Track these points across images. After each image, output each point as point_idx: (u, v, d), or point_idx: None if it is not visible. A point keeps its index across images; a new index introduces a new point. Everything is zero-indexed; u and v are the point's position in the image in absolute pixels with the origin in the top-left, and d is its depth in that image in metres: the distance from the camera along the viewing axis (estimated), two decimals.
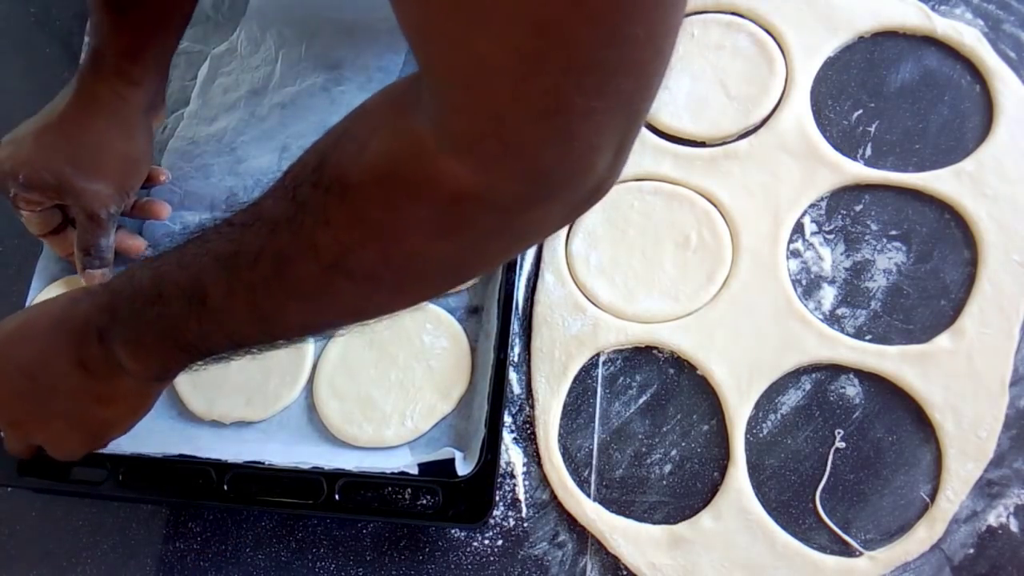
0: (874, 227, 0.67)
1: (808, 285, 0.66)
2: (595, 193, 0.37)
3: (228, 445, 0.62)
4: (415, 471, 0.59)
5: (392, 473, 0.59)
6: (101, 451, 0.63)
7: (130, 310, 0.47)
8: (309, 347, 0.67)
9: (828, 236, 0.67)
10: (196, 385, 0.66)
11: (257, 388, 0.65)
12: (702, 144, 0.70)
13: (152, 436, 0.64)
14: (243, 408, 0.65)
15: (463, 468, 0.58)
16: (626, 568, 0.60)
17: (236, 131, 0.74)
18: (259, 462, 0.60)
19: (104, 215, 0.63)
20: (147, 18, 0.62)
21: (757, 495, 0.61)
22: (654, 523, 0.61)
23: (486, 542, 0.62)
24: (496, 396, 0.60)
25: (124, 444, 0.64)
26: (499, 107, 0.32)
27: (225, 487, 0.60)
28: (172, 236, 0.71)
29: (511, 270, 0.64)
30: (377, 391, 0.65)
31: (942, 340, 0.63)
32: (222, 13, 0.77)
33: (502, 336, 0.62)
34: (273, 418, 0.65)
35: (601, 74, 0.31)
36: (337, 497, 0.59)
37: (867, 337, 0.64)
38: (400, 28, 0.34)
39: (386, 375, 0.65)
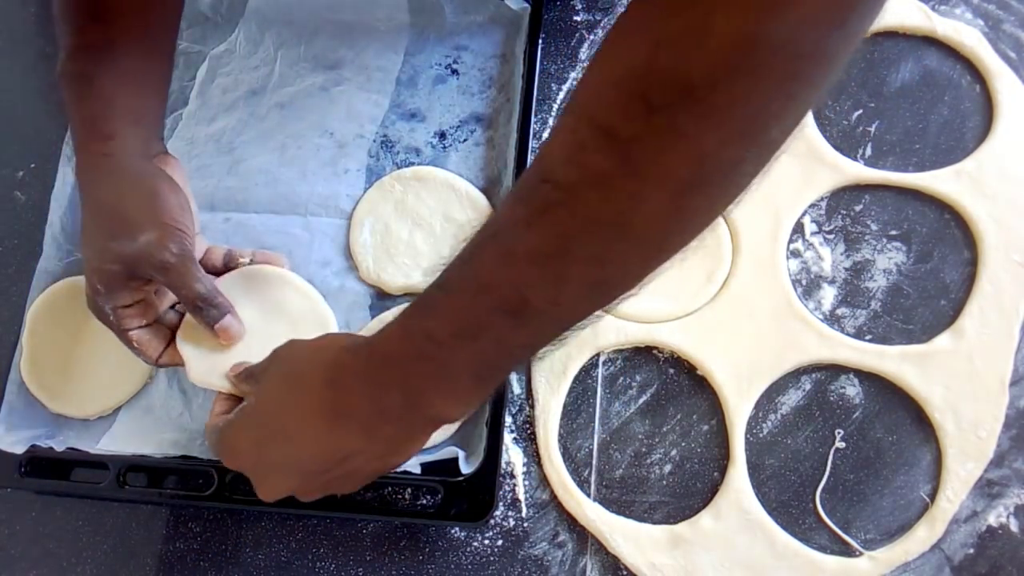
0: (874, 227, 0.67)
1: (808, 285, 0.66)
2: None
3: None
4: (418, 470, 0.59)
5: (395, 472, 0.59)
6: (102, 451, 0.63)
7: (432, 369, 0.44)
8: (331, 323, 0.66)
9: (828, 236, 0.67)
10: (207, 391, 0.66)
11: None
12: None
13: (153, 437, 0.64)
14: None
15: (466, 467, 0.59)
16: (626, 568, 0.60)
17: (235, 131, 0.74)
18: None
19: (171, 258, 0.56)
20: (163, 87, 0.61)
21: (757, 495, 0.61)
22: (654, 523, 0.61)
23: (486, 542, 0.62)
24: (496, 396, 0.60)
25: (125, 445, 0.64)
26: None
27: (225, 487, 0.60)
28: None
29: None
30: None
31: (942, 340, 0.63)
32: (220, 14, 0.77)
33: None
34: None
35: None
36: (338, 497, 0.59)
37: (867, 337, 0.64)
38: None
39: None
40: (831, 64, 0.35)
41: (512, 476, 0.63)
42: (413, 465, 0.59)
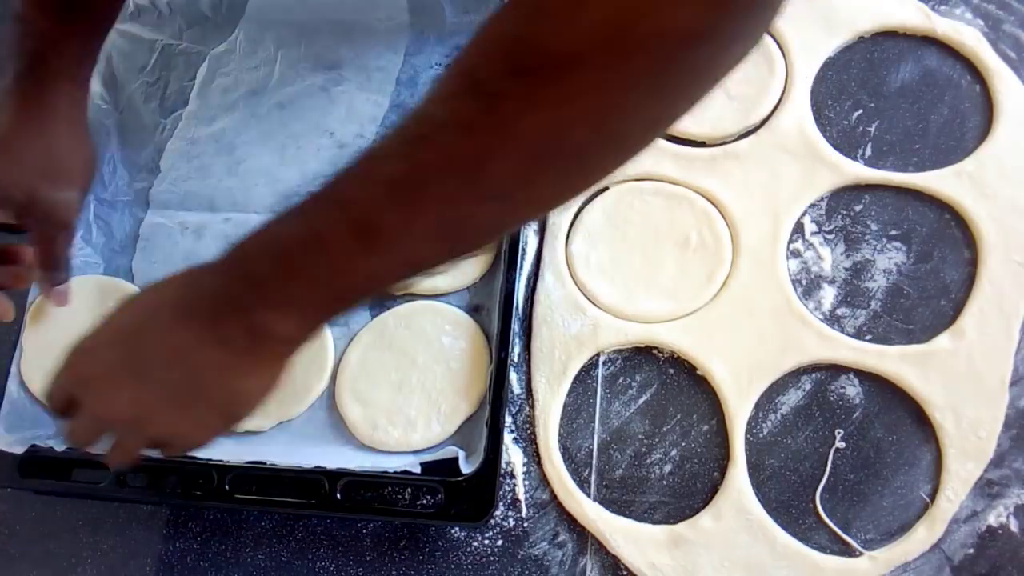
0: (874, 227, 0.67)
1: (808, 285, 0.66)
2: (774, 18, 0.37)
3: (229, 446, 0.62)
4: (418, 470, 0.59)
5: (395, 472, 0.59)
6: (102, 452, 0.63)
7: (277, 272, 0.44)
8: (328, 336, 0.67)
9: (828, 236, 0.67)
10: None
11: (286, 387, 0.65)
12: (702, 144, 0.70)
13: None
14: (277, 409, 0.65)
15: (467, 467, 0.59)
16: (626, 568, 0.60)
17: (235, 131, 0.74)
18: (260, 462, 0.60)
19: (74, 220, 0.62)
20: (95, 22, 0.61)
21: (757, 495, 0.61)
22: (654, 523, 0.61)
23: (486, 542, 0.62)
24: (498, 394, 0.61)
25: None
26: None
27: (227, 488, 0.60)
28: (171, 235, 0.71)
29: (511, 270, 0.64)
30: (400, 395, 0.65)
31: (942, 340, 0.63)
32: (221, 14, 0.77)
33: (502, 336, 0.62)
34: (298, 427, 0.65)
35: None
36: (338, 497, 0.59)
37: (867, 337, 0.64)
38: None
39: (407, 378, 0.65)
40: (696, 76, 0.36)
41: (512, 476, 0.63)
42: (413, 464, 0.59)
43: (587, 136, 0.37)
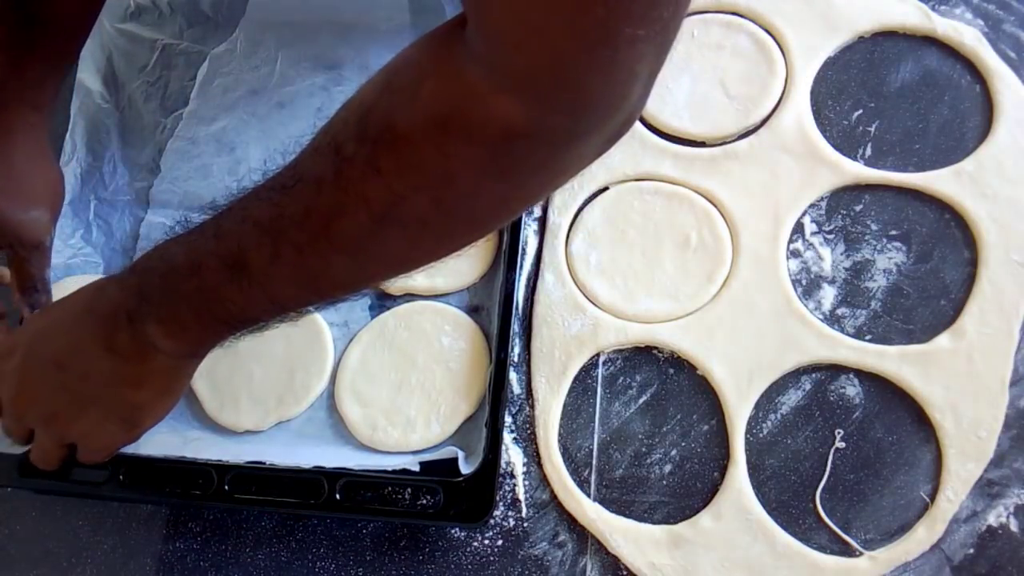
0: (874, 227, 0.67)
1: (808, 285, 0.66)
2: (627, 124, 0.39)
3: (229, 445, 0.62)
4: (416, 468, 0.59)
5: (393, 471, 0.59)
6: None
7: (163, 288, 0.47)
8: (328, 336, 0.67)
9: (828, 236, 0.67)
10: (223, 402, 0.66)
11: (285, 387, 0.65)
12: (702, 144, 0.70)
13: (153, 436, 0.64)
14: (276, 409, 0.65)
15: (466, 467, 0.59)
16: (626, 568, 0.60)
17: (236, 131, 0.74)
18: (260, 462, 0.60)
19: (48, 243, 0.63)
20: (56, 49, 0.61)
21: (757, 495, 0.61)
22: (654, 523, 0.61)
23: (486, 542, 0.62)
24: (497, 395, 0.61)
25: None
26: (556, 41, 0.34)
27: (226, 488, 0.60)
28: (170, 234, 0.71)
29: (511, 270, 0.64)
30: (400, 395, 0.65)
31: (942, 340, 0.63)
32: (221, 14, 0.77)
33: (501, 337, 0.62)
34: (297, 427, 0.65)
35: (646, 3, 0.33)
36: (338, 497, 0.59)
37: (867, 337, 0.64)
38: None
39: (407, 379, 0.65)
40: (538, 167, 0.39)
41: (512, 476, 0.63)
42: (412, 463, 0.59)
43: (427, 206, 0.40)
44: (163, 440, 0.64)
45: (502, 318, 0.63)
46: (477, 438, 0.60)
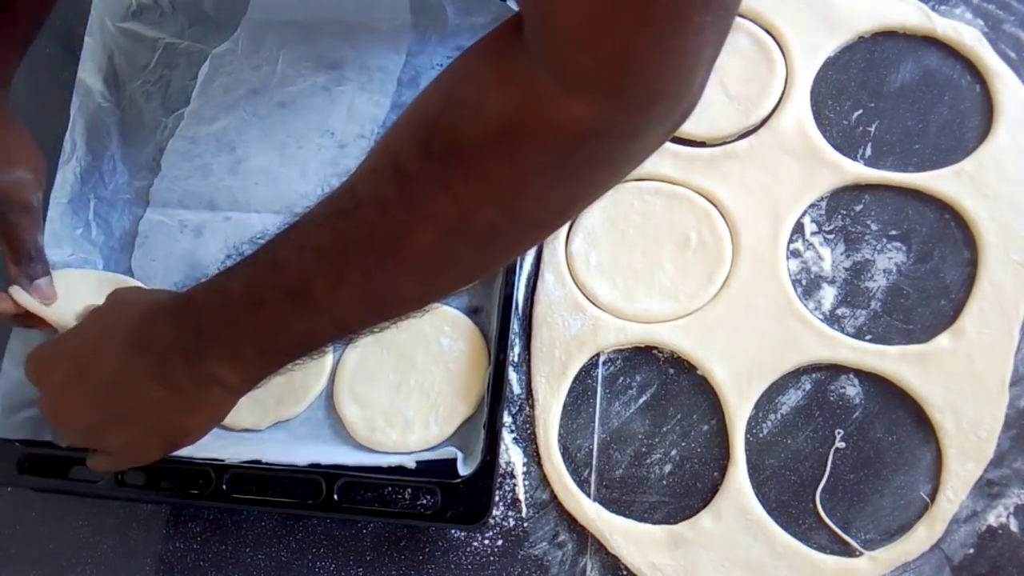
0: (874, 227, 0.67)
1: (808, 285, 0.66)
2: (690, 111, 0.39)
3: (227, 445, 0.62)
4: (412, 465, 0.59)
5: (390, 472, 0.59)
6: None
7: (222, 324, 0.47)
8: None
9: (828, 236, 0.67)
10: None
11: (284, 387, 0.65)
12: (702, 144, 0.70)
13: None
14: (275, 409, 0.65)
15: (464, 468, 0.58)
16: (626, 568, 0.60)
17: (236, 131, 0.74)
18: (257, 461, 0.60)
19: (36, 202, 0.60)
20: (17, 22, 0.61)
21: (757, 495, 0.61)
22: (654, 523, 0.61)
23: (486, 542, 0.62)
24: (496, 396, 0.60)
25: None
26: (625, 37, 0.33)
27: (224, 487, 0.60)
28: (170, 233, 0.71)
29: (511, 270, 0.64)
30: (398, 396, 0.65)
31: (942, 340, 0.63)
32: (223, 13, 0.77)
33: (502, 336, 0.62)
34: (295, 427, 0.65)
35: None
36: (336, 497, 0.59)
37: (867, 337, 0.64)
38: None
39: (406, 379, 0.65)
40: (601, 166, 0.39)
41: (512, 476, 0.63)
42: (409, 462, 0.59)
43: (497, 216, 0.39)
44: None
45: (501, 320, 0.63)
46: (475, 439, 0.60)
